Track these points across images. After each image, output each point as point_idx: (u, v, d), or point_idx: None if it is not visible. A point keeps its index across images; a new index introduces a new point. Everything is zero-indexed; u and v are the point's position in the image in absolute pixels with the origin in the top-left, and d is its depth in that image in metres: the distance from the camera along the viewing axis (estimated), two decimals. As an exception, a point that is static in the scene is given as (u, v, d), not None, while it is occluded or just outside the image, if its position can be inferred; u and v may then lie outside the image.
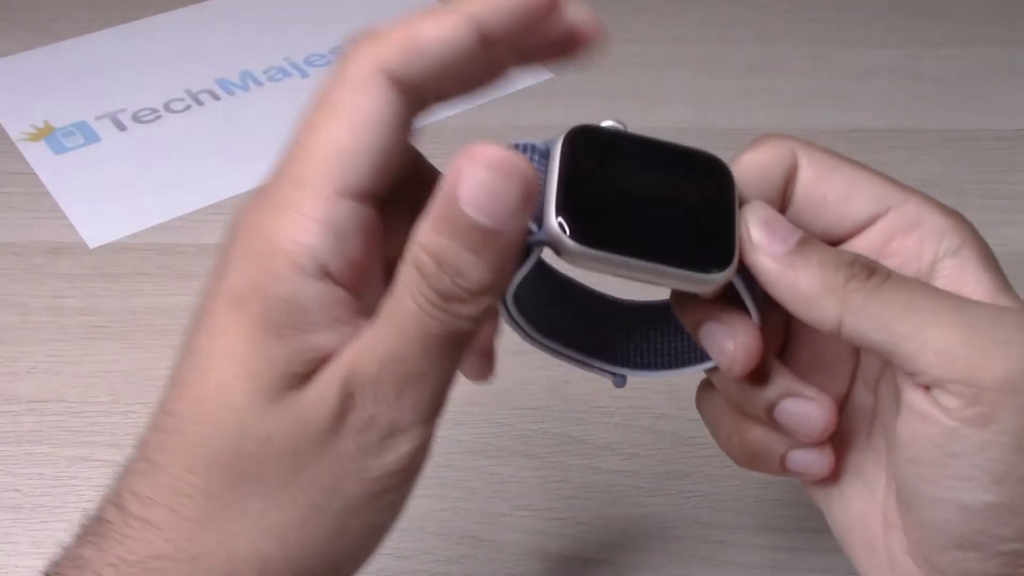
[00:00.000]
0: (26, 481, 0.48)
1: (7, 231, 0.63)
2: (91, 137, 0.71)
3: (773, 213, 0.27)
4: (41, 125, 0.72)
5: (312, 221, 0.24)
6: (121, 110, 0.73)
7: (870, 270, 0.26)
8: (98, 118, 0.73)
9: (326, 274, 0.24)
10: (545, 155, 0.26)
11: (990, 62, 0.80)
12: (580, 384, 0.53)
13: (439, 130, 0.75)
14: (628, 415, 0.52)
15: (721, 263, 0.26)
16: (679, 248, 0.26)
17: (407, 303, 0.23)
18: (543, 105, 0.74)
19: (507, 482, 0.49)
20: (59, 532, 0.48)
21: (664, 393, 0.52)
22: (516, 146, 0.26)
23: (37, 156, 0.69)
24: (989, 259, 0.28)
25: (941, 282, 0.28)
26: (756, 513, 0.48)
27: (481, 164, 0.22)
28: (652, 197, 0.27)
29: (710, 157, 0.28)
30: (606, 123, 0.28)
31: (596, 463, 0.50)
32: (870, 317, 0.26)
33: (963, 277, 0.27)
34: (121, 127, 0.72)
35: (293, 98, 0.74)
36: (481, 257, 0.22)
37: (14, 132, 0.71)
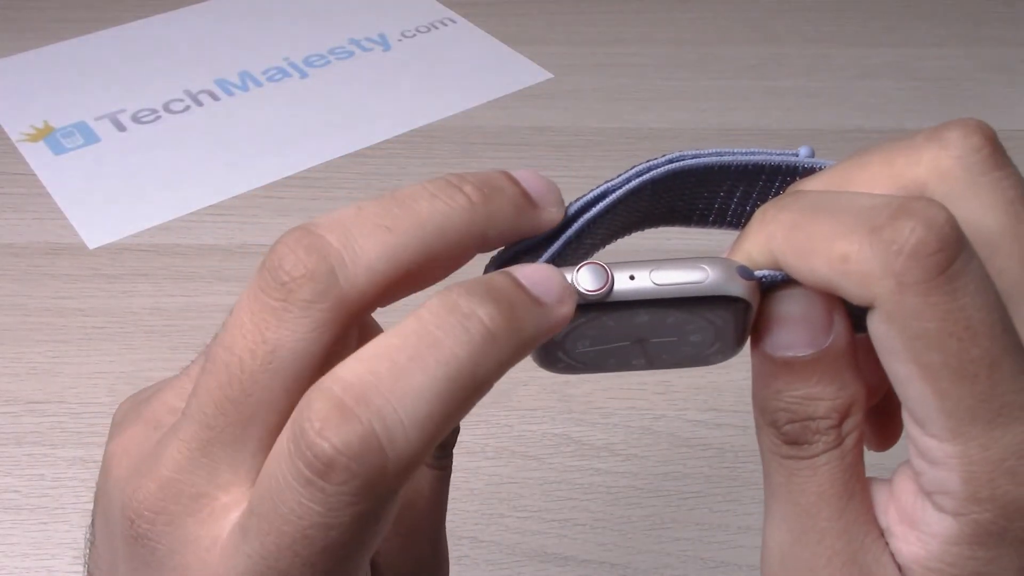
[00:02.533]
0: (26, 482, 0.48)
1: (7, 232, 0.63)
2: (91, 138, 0.71)
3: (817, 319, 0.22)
4: (41, 125, 0.72)
5: None
6: (121, 110, 0.73)
7: (797, 444, 0.23)
8: (98, 119, 0.73)
9: None
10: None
11: (990, 62, 0.80)
12: (578, 385, 0.53)
13: (439, 129, 0.75)
14: (626, 416, 0.52)
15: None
16: None
17: None
18: (543, 105, 0.74)
19: (505, 483, 0.49)
20: (58, 533, 0.48)
21: (663, 394, 0.53)
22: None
23: (37, 157, 0.69)
24: None
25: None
26: (754, 514, 0.48)
27: None
28: None
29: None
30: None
31: (594, 464, 0.50)
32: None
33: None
34: (121, 127, 0.72)
35: (292, 98, 0.74)
36: None
37: (14, 133, 0.71)
